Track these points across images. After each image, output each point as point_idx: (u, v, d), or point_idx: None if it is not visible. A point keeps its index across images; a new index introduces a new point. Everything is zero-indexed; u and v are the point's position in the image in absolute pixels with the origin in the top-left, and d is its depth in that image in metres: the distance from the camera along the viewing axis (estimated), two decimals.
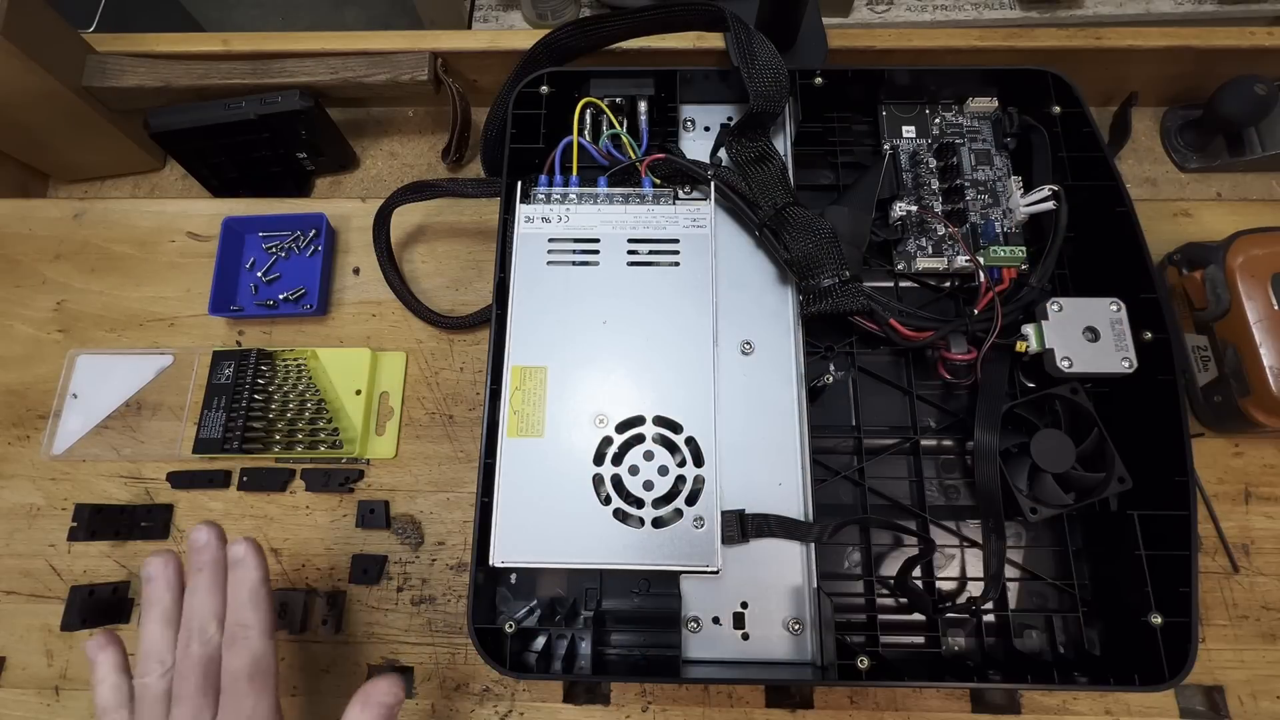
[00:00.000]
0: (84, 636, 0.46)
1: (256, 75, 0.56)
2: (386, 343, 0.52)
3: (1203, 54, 0.56)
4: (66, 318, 0.54)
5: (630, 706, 0.43)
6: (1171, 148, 0.62)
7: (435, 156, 0.64)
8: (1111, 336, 0.41)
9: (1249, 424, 0.44)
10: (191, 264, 0.54)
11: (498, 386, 0.41)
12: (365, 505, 0.48)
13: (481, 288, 0.54)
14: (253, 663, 0.34)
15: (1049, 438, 0.41)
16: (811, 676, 0.38)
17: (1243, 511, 0.46)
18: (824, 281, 0.41)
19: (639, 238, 0.43)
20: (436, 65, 0.57)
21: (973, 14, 0.92)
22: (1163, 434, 0.40)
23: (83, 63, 0.56)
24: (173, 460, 0.50)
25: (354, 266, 0.54)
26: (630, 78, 0.48)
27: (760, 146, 0.44)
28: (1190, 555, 0.38)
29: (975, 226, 0.46)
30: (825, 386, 0.43)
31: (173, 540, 0.48)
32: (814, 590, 0.39)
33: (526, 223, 0.43)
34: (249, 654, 0.34)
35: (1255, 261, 0.44)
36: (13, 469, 0.50)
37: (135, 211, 0.56)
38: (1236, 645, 0.44)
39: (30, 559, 0.48)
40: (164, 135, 0.56)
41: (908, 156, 0.48)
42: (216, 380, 0.50)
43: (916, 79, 0.48)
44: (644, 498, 0.38)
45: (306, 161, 0.61)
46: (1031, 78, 0.47)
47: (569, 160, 0.46)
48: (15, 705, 0.45)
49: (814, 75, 0.48)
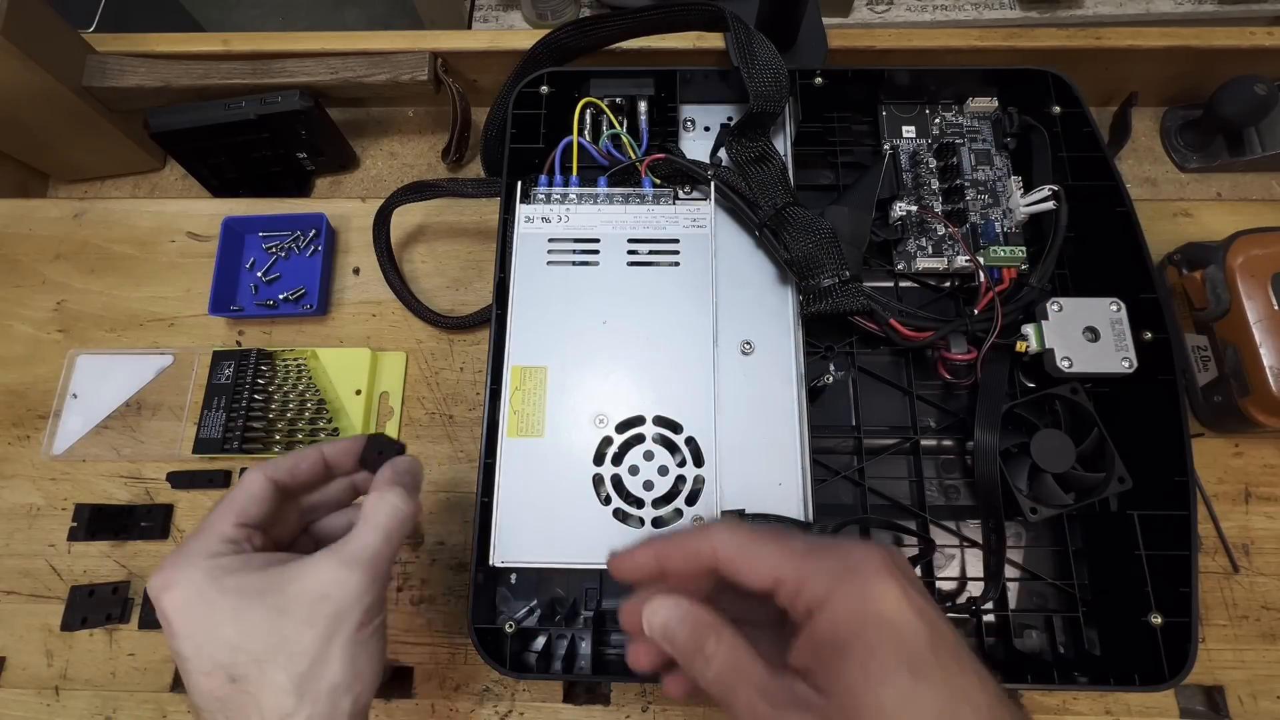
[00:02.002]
0: (84, 637, 0.46)
1: (256, 75, 0.56)
2: (386, 343, 0.52)
3: (1202, 54, 0.56)
4: (66, 318, 0.54)
5: (630, 706, 0.43)
6: (1171, 148, 0.62)
7: (435, 156, 0.64)
8: (1111, 336, 0.41)
9: (1249, 424, 0.44)
10: (191, 264, 0.54)
11: (498, 386, 0.41)
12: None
13: (481, 288, 0.54)
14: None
15: (1049, 438, 0.41)
16: None
17: (1243, 511, 0.46)
18: (824, 281, 0.41)
19: (639, 238, 0.43)
20: (436, 65, 0.57)
21: (973, 14, 0.92)
22: (1163, 434, 0.40)
23: (83, 63, 0.56)
24: (173, 460, 0.50)
25: (354, 266, 0.54)
26: (630, 78, 0.48)
27: (760, 146, 0.44)
28: (1190, 555, 0.38)
29: (975, 226, 0.46)
30: (825, 386, 0.43)
31: (172, 541, 0.48)
32: None
33: (526, 223, 0.43)
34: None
35: (1255, 261, 0.44)
36: (13, 469, 0.50)
37: (135, 211, 0.56)
38: (1237, 645, 0.44)
39: (30, 559, 0.48)
40: (164, 135, 0.56)
41: (908, 156, 0.48)
42: (216, 380, 0.50)
43: (916, 79, 0.48)
44: (644, 498, 0.38)
45: (306, 161, 0.61)
46: (1031, 78, 0.47)
47: (569, 160, 0.46)
48: (15, 705, 0.45)
49: (814, 75, 0.48)
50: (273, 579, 0.28)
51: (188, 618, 0.27)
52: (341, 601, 0.28)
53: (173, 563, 0.28)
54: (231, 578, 0.28)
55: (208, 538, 0.29)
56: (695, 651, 0.25)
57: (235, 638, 0.27)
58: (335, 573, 0.28)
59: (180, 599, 0.27)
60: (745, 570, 0.25)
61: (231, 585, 0.27)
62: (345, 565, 0.28)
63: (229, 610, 0.27)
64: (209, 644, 0.27)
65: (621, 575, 0.28)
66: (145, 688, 0.45)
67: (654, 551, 0.27)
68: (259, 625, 0.27)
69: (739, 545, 0.26)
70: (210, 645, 0.27)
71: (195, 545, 0.29)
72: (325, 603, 0.27)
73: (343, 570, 0.28)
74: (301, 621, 0.27)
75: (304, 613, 0.27)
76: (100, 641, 0.46)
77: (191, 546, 0.29)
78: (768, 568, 0.25)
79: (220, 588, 0.27)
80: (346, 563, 0.28)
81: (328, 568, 0.28)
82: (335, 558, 0.28)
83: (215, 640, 0.27)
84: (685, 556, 0.27)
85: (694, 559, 0.26)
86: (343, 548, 0.29)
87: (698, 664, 0.25)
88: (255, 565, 0.28)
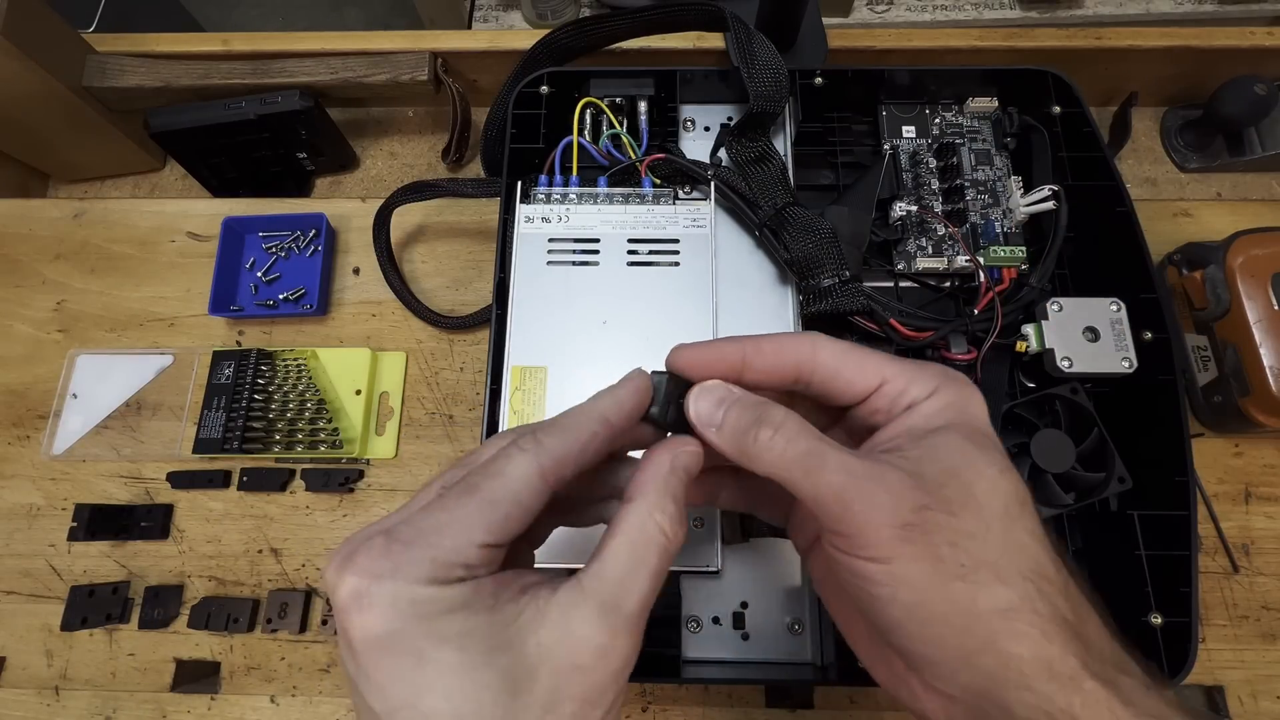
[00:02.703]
0: (84, 637, 0.46)
1: (256, 75, 0.56)
2: (386, 343, 0.52)
3: (1202, 54, 0.56)
4: (66, 317, 0.54)
5: (630, 707, 0.43)
6: (1171, 148, 0.62)
7: (435, 156, 0.64)
8: (1111, 336, 0.41)
9: (1249, 424, 0.44)
10: (191, 264, 0.54)
11: (498, 386, 0.41)
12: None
13: (481, 288, 0.54)
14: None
15: (1049, 438, 0.41)
16: (812, 676, 0.38)
17: (1243, 511, 0.46)
18: (824, 281, 0.41)
19: (639, 238, 0.43)
20: (436, 65, 0.57)
21: (973, 14, 0.92)
22: (1163, 434, 0.40)
23: (83, 63, 0.56)
24: (173, 460, 0.50)
25: (354, 266, 0.54)
26: (630, 78, 0.48)
27: (760, 146, 0.44)
28: (1190, 555, 0.38)
29: (975, 226, 0.46)
30: None
31: (172, 541, 0.48)
32: (814, 591, 0.39)
33: (526, 223, 0.43)
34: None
35: (1255, 261, 0.44)
36: (13, 469, 0.50)
37: (135, 211, 0.56)
38: (1237, 645, 0.44)
39: (30, 559, 0.48)
40: (164, 135, 0.56)
41: (908, 156, 0.48)
42: (216, 380, 0.50)
43: (916, 79, 0.48)
44: None
45: (306, 161, 0.61)
46: (1031, 78, 0.47)
47: (569, 160, 0.46)
48: (15, 705, 0.45)
49: (814, 75, 0.48)
50: (506, 626, 0.20)
51: (386, 666, 0.19)
52: (600, 678, 0.20)
53: (376, 568, 0.19)
54: (453, 620, 0.19)
55: (438, 547, 0.20)
56: (755, 424, 0.23)
57: (445, 711, 0.19)
58: (595, 632, 0.20)
59: (380, 634, 0.19)
60: (850, 371, 0.24)
61: (453, 632, 0.19)
62: (608, 620, 0.20)
63: (445, 670, 0.19)
64: (405, 710, 0.19)
65: (691, 365, 0.25)
66: (145, 688, 0.45)
67: (741, 347, 0.25)
68: (480, 701, 0.19)
69: (844, 348, 0.24)
70: (407, 712, 0.19)
71: (417, 553, 0.20)
72: (578, 678, 0.20)
73: (604, 630, 0.20)
74: (540, 706, 0.19)
75: (545, 693, 0.19)
76: (100, 642, 0.46)
77: (412, 553, 0.20)
78: (874, 368, 0.24)
79: (437, 634, 0.19)
80: (610, 615, 0.20)
81: (584, 621, 0.20)
82: (596, 604, 0.20)
83: (417, 708, 0.19)
84: (777, 354, 0.24)
85: (787, 358, 0.24)
86: (606, 586, 0.21)
87: (760, 440, 0.22)
88: (484, 599, 0.20)
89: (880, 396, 0.24)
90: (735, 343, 0.25)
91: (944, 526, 0.21)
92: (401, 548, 0.20)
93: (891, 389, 0.24)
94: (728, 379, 0.25)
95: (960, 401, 0.24)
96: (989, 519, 0.21)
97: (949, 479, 0.22)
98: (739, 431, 0.23)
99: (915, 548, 0.21)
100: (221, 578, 0.47)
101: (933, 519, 0.21)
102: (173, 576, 0.47)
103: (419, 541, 0.20)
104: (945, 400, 0.23)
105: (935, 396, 0.23)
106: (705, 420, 0.24)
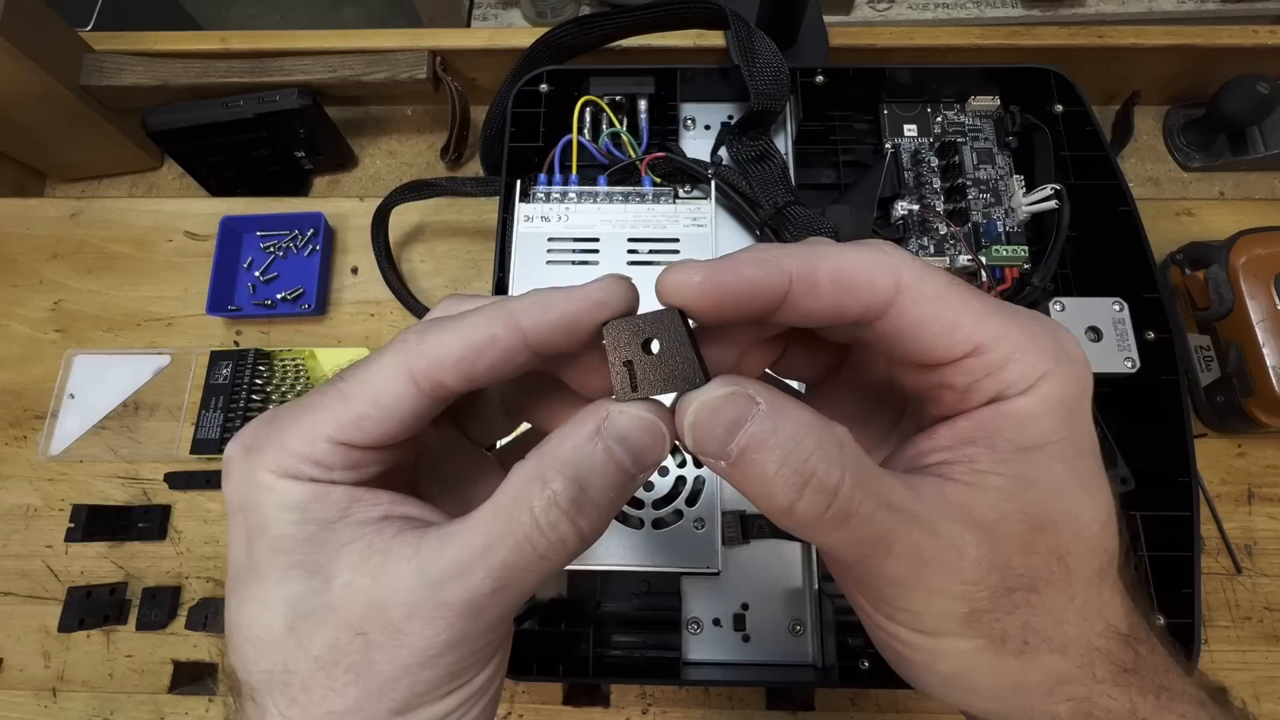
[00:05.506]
0: (81, 638, 0.46)
1: (254, 74, 0.56)
2: (385, 343, 0.52)
3: (1205, 53, 0.56)
4: (64, 317, 0.53)
5: (630, 708, 0.43)
6: (1174, 147, 0.61)
7: (434, 155, 0.64)
8: (1114, 336, 0.40)
9: (1252, 424, 0.44)
10: (189, 263, 0.54)
11: None
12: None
13: (481, 287, 0.53)
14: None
15: None
16: (813, 678, 0.38)
17: (1246, 512, 0.46)
18: None
19: (639, 237, 0.42)
20: (435, 63, 0.56)
21: (975, 12, 0.92)
22: (1165, 434, 0.40)
23: (80, 61, 0.56)
24: (170, 461, 0.49)
25: (352, 266, 0.54)
26: (630, 76, 0.48)
27: (761, 145, 0.44)
28: (1193, 556, 0.38)
29: (977, 226, 0.45)
30: None
31: (170, 542, 0.48)
32: (815, 592, 0.38)
33: (526, 222, 0.43)
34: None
35: (1258, 261, 0.44)
36: (10, 469, 0.50)
37: (132, 211, 0.56)
38: (1239, 647, 0.44)
39: (27, 560, 0.48)
40: (161, 134, 0.56)
41: (909, 155, 0.48)
42: (214, 380, 0.49)
43: (918, 77, 0.48)
44: (644, 499, 0.38)
45: (305, 160, 0.61)
46: (1034, 76, 0.47)
47: (568, 159, 0.46)
48: (12, 707, 0.45)
49: (815, 73, 0.47)
50: (324, 548, 0.17)
51: (231, 536, 0.18)
52: (392, 662, 0.16)
53: (247, 439, 0.18)
54: (280, 517, 0.17)
55: (288, 436, 0.17)
56: (829, 506, 0.16)
57: (241, 614, 0.17)
58: (403, 614, 0.16)
59: (231, 506, 0.18)
60: (935, 331, 0.17)
61: (276, 532, 0.17)
62: (426, 602, 0.16)
63: (257, 569, 0.17)
64: (230, 582, 0.18)
65: (705, 304, 0.17)
66: (143, 689, 0.45)
67: (784, 274, 0.17)
68: (267, 623, 0.17)
69: (937, 293, 0.16)
70: (230, 585, 0.18)
71: (275, 437, 0.17)
72: (363, 648, 0.16)
73: (416, 614, 0.16)
74: (314, 659, 0.16)
75: (324, 649, 0.16)
76: (98, 643, 0.46)
77: (273, 436, 0.17)
78: (968, 330, 0.16)
79: (262, 528, 0.17)
80: (433, 594, 0.16)
81: (392, 588, 0.16)
82: (416, 571, 0.16)
83: (234, 591, 0.18)
84: (842, 293, 0.17)
85: (856, 300, 0.17)
86: (441, 562, 0.16)
87: (831, 522, 0.16)
88: (324, 509, 0.17)
89: (961, 370, 0.17)
90: (772, 265, 0.17)
91: (1020, 607, 0.17)
92: (268, 430, 0.18)
93: (980, 364, 0.17)
94: (753, 319, 0.17)
95: (1073, 399, 0.17)
96: (1076, 589, 0.17)
97: (1038, 537, 0.17)
98: (813, 518, 0.16)
99: (976, 628, 0.17)
100: (220, 579, 0.47)
101: (1010, 603, 0.17)
102: (170, 578, 0.47)
103: (280, 426, 0.17)
104: (1054, 398, 0.17)
105: (1039, 388, 0.16)
106: (760, 481, 0.17)
